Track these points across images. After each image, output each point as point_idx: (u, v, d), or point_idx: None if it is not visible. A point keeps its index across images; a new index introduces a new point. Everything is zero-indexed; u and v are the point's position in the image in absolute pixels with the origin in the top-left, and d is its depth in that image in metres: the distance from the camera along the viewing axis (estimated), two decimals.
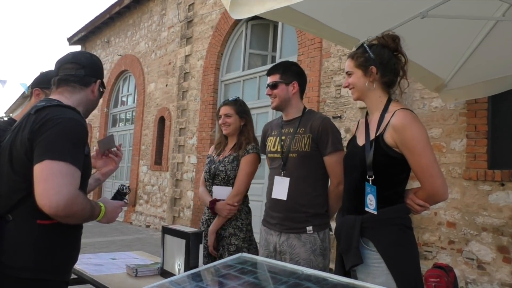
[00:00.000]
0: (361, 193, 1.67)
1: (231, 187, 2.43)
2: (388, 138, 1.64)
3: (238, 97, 2.63)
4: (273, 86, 2.22)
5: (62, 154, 1.32)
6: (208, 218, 2.49)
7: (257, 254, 2.40)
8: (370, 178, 1.65)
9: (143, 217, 9.65)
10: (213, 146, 2.70)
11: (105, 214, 1.50)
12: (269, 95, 2.24)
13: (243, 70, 7.34)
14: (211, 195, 2.48)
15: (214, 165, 2.51)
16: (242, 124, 2.52)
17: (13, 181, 1.38)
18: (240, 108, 2.54)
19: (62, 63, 1.59)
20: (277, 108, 2.25)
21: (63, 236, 1.42)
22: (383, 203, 1.64)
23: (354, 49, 3.05)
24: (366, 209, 1.66)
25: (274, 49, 7.12)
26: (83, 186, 1.45)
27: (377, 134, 1.68)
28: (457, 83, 3.46)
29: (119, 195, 1.69)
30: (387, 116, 1.69)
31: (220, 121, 2.53)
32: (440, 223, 4.13)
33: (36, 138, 1.34)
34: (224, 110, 2.54)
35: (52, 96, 1.55)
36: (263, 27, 7.41)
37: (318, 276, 1.57)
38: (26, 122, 1.39)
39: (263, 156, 2.48)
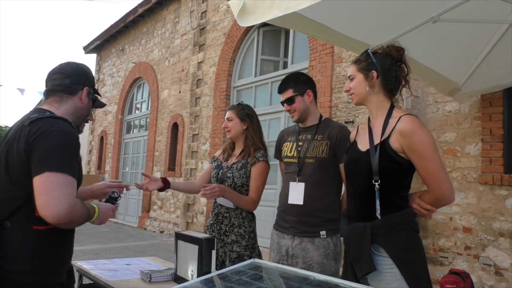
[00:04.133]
0: (368, 198, 1.67)
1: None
2: (395, 143, 1.65)
3: (242, 102, 2.65)
4: (290, 100, 2.27)
5: (60, 166, 1.39)
6: (212, 223, 2.50)
7: None
8: (376, 183, 1.64)
9: (157, 223, 9.73)
10: (220, 150, 2.71)
11: (99, 215, 1.57)
12: (288, 110, 2.28)
13: (255, 76, 7.38)
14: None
15: (221, 171, 2.51)
16: (244, 128, 2.52)
17: (10, 189, 1.45)
18: (242, 111, 2.54)
19: (50, 75, 1.66)
20: (299, 121, 2.30)
21: (58, 240, 1.50)
22: (390, 208, 1.64)
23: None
24: (377, 213, 1.65)
25: (286, 55, 7.15)
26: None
27: (382, 139, 1.68)
28: (471, 87, 3.42)
29: (111, 199, 1.81)
30: (392, 121, 1.70)
31: (223, 125, 2.58)
32: (455, 228, 4.07)
33: (33, 150, 1.40)
34: (227, 114, 2.57)
35: (43, 107, 1.61)
36: (275, 33, 7.45)
37: (330, 282, 1.57)
38: (21, 133, 1.45)
39: (274, 162, 2.50)
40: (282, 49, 7.38)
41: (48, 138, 1.41)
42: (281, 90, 2.31)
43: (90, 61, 32.97)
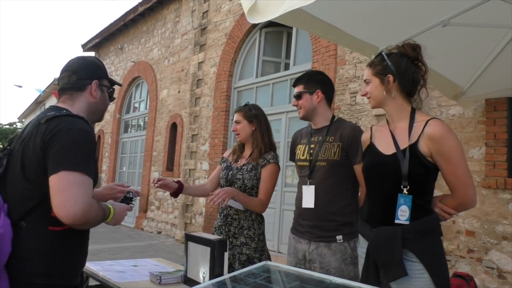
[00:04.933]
0: (394, 203, 1.65)
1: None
2: (423, 147, 1.63)
3: (248, 102, 2.62)
4: (298, 96, 2.24)
5: (76, 165, 1.37)
6: (221, 224, 2.47)
7: None
8: (404, 188, 1.63)
9: (155, 223, 9.68)
10: (229, 150, 2.68)
11: (114, 215, 1.54)
12: (296, 105, 2.26)
13: (256, 77, 7.37)
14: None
15: (231, 172, 2.48)
16: (253, 129, 2.49)
17: (26, 189, 1.42)
18: (249, 112, 2.50)
19: (60, 73, 1.63)
20: (304, 118, 2.27)
21: (73, 242, 1.48)
22: (418, 213, 1.63)
23: (373, 57, 3.07)
24: (397, 221, 1.63)
25: (287, 57, 7.15)
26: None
27: (411, 144, 1.66)
28: (476, 91, 3.43)
29: (126, 199, 1.77)
30: (418, 126, 1.68)
31: (232, 128, 2.55)
32: (458, 232, 4.08)
33: (49, 149, 1.38)
34: (235, 117, 2.55)
35: (59, 105, 1.59)
36: (276, 34, 7.44)
37: (347, 285, 1.56)
38: (37, 132, 1.43)
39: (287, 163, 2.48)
40: (284, 50, 7.38)
41: (65, 136, 1.39)
42: (294, 84, 2.29)
43: None
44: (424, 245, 1.62)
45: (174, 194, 2.45)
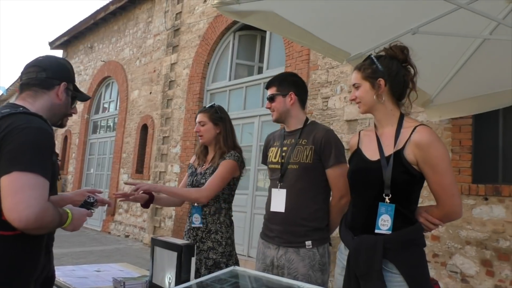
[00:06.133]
0: (377, 211, 1.60)
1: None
2: (409, 154, 1.57)
3: (214, 103, 2.55)
4: (271, 99, 2.20)
5: (31, 166, 1.28)
6: (189, 229, 2.41)
7: None
8: (386, 197, 1.57)
9: (122, 227, 9.45)
10: (194, 156, 2.62)
11: (72, 221, 1.45)
12: (269, 108, 2.21)
13: (230, 80, 7.34)
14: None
15: (196, 178, 2.43)
16: (217, 132, 2.43)
17: None
18: (215, 115, 2.44)
19: (26, 68, 1.56)
20: (277, 121, 2.22)
21: (25, 248, 1.38)
22: (401, 222, 1.58)
23: (348, 59, 3.10)
24: (377, 230, 1.57)
25: (261, 60, 7.15)
26: (51, 194, 1.42)
27: (396, 150, 1.60)
28: (443, 99, 3.52)
29: (86, 204, 1.67)
30: (405, 132, 1.62)
31: (195, 129, 2.47)
32: (425, 236, 4.16)
33: (2, 148, 1.29)
34: (198, 118, 2.47)
35: (17, 102, 1.51)
36: (250, 37, 7.44)
37: None
38: None
39: (249, 167, 2.44)
40: (257, 54, 7.38)
41: (19, 135, 1.30)
42: (267, 86, 2.24)
43: None
44: (406, 256, 1.56)
45: (145, 205, 2.37)
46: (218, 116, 2.46)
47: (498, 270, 3.65)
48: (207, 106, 2.52)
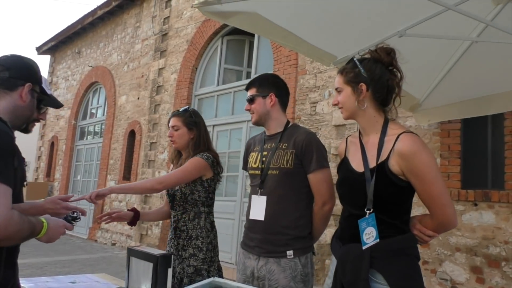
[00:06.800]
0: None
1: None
2: (394, 165, 1.49)
3: (189, 107, 2.46)
4: (250, 100, 2.11)
5: None
6: (171, 238, 2.33)
7: (221, 276, 2.26)
8: (368, 211, 1.50)
9: (109, 235, 9.26)
10: (171, 163, 2.52)
11: (47, 231, 1.35)
12: (248, 110, 2.12)
13: (218, 85, 7.26)
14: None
15: None
16: (191, 137, 2.34)
17: None
18: (190, 119, 2.35)
19: None
20: (257, 123, 2.12)
21: None
22: (393, 232, 1.50)
23: (335, 63, 3.03)
24: (365, 246, 1.49)
25: (249, 65, 7.09)
26: (17, 202, 1.32)
27: (380, 162, 1.52)
28: (432, 103, 3.47)
29: (70, 218, 1.58)
30: (389, 140, 1.53)
31: (168, 134, 2.38)
32: (417, 248, 4.09)
33: None
34: (171, 122, 2.37)
35: None
36: (238, 42, 7.39)
37: None
38: None
39: (232, 173, 2.35)
40: (245, 59, 7.33)
41: None
42: (247, 87, 2.16)
43: (43, 62, 31.47)
44: (395, 266, 1.47)
45: (131, 223, 2.29)
46: (193, 120, 2.36)
47: (488, 277, 3.59)
48: (181, 110, 2.42)
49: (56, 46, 13.12)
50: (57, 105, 1.68)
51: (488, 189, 3.70)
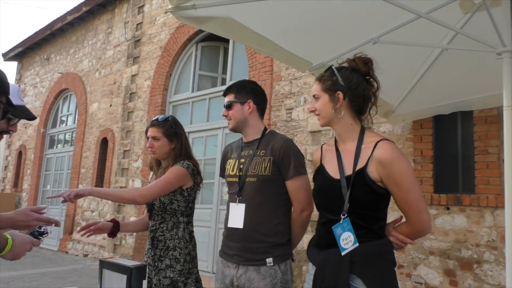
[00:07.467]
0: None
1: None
2: (373, 172, 1.51)
3: (170, 116, 2.40)
4: (228, 106, 2.07)
5: None
6: (148, 248, 2.27)
7: None
8: (342, 217, 1.52)
9: (81, 246, 8.98)
10: (152, 173, 2.46)
11: (12, 248, 1.30)
12: (225, 116, 2.09)
13: (193, 91, 7.19)
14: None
15: None
16: (172, 147, 2.29)
17: None
18: (170, 130, 2.30)
19: None
20: (234, 130, 2.09)
21: None
22: (371, 237, 1.53)
23: (310, 69, 3.04)
24: (344, 252, 1.51)
25: (224, 72, 7.06)
26: None
27: (358, 169, 1.54)
28: (404, 109, 3.54)
29: (38, 233, 1.51)
30: (366, 148, 1.56)
31: (147, 145, 2.31)
32: (394, 253, 4.14)
33: None
34: (151, 132, 2.30)
35: None
36: (213, 48, 7.35)
37: None
38: None
39: (209, 180, 2.31)
40: (220, 65, 7.29)
41: None
42: (225, 93, 2.13)
43: (10, 69, 30.48)
44: (374, 272, 1.49)
45: (111, 235, 2.21)
46: (173, 131, 2.31)
47: (461, 279, 3.66)
48: (160, 119, 2.34)
49: (24, 52, 12.71)
50: (29, 116, 1.57)
51: (459, 193, 3.78)
